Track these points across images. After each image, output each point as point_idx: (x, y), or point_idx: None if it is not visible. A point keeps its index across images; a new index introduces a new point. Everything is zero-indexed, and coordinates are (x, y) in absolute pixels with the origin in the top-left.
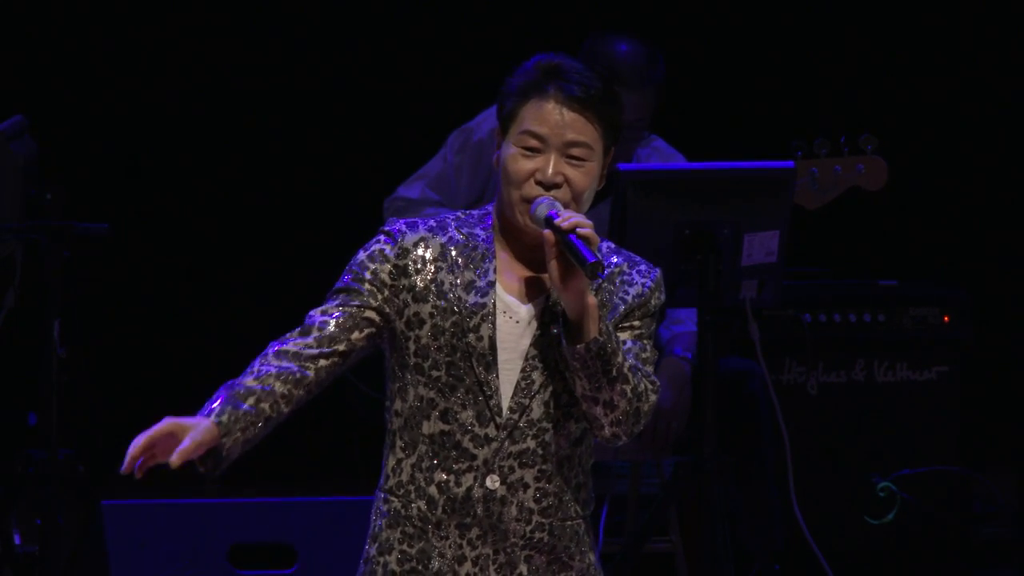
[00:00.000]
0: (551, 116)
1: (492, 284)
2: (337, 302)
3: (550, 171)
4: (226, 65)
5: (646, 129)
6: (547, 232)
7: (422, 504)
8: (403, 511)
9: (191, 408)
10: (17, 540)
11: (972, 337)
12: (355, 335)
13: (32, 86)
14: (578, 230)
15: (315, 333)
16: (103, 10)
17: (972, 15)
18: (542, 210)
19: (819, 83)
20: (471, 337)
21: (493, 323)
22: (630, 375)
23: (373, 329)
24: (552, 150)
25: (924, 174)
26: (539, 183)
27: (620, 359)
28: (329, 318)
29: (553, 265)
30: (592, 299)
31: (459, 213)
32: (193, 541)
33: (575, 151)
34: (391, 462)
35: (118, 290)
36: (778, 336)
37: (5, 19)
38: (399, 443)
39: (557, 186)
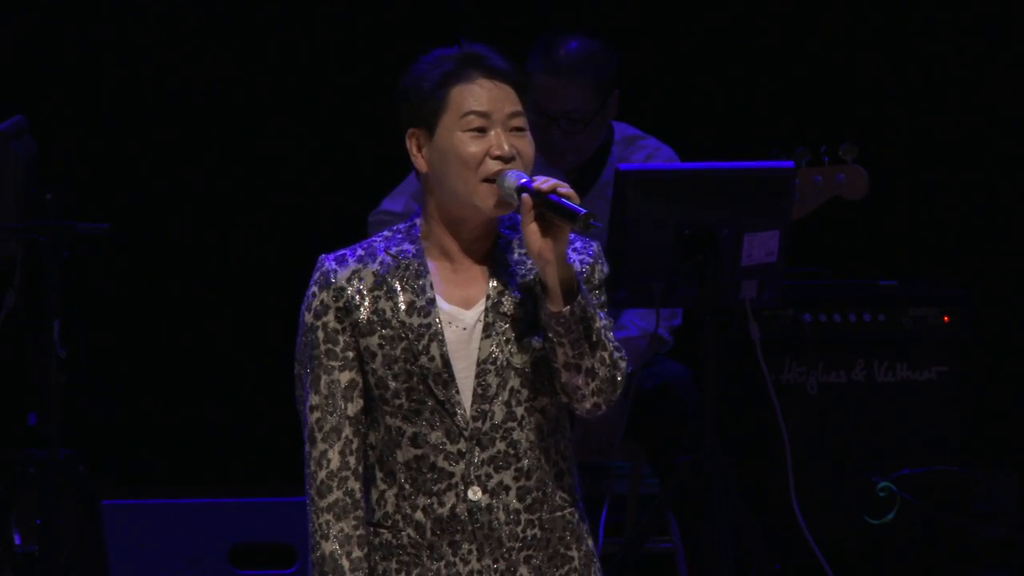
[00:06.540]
0: (487, 93)
1: (432, 301)
2: (314, 387)
3: (505, 146)
4: (226, 65)
5: (583, 123)
6: (525, 196)
7: (411, 531)
8: (394, 541)
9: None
10: (17, 540)
11: (972, 337)
12: (354, 406)
13: (32, 86)
14: (559, 190)
15: (321, 443)
16: (103, 10)
17: (970, 14)
18: (511, 180)
19: (803, 89)
20: (423, 359)
21: (442, 340)
22: (606, 341)
23: (360, 381)
24: (497, 125)
25: (924, 174)
26: (496, 159)
27: (598, 323)
28: (319, 413)
29: (532, 228)
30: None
31: (387, 232)
32: (193, 541)
33: (515, 122)
34: (374, 495)
35: (118, 290)
36: (778, 336)
37: (5, 19)
38: (379, 475)
39: (512, 159)
